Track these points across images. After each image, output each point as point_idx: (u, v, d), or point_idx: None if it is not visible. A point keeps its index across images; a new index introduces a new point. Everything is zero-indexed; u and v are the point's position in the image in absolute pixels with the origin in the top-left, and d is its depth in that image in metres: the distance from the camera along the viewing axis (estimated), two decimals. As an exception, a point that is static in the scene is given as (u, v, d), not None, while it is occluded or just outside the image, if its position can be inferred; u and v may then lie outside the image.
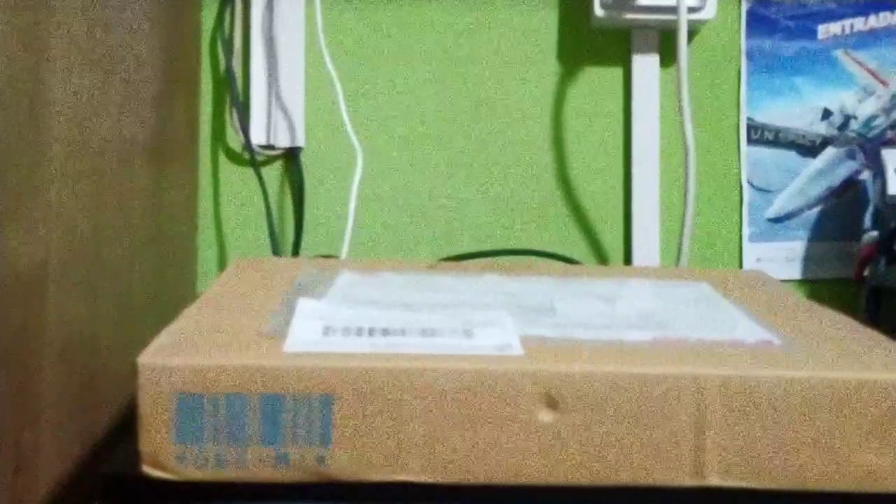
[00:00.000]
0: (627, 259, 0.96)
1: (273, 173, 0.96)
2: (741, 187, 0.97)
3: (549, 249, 0.95)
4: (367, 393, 0.44)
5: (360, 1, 0.96)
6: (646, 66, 0.95)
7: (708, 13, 0.92)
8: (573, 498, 0.46)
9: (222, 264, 0.95)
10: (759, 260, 0.97)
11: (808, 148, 0.97)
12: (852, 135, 0.97)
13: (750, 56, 0.97)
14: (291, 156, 0.95)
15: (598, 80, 0.96)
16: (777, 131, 0.97)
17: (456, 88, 0.96)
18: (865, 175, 0.96)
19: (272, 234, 0.93)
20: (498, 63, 0.96)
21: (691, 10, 0.91)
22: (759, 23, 0.97)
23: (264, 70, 0.94)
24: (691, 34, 0.94)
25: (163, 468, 0.44)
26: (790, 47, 0.97)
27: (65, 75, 0.56)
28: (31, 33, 0.51)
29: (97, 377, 0.62)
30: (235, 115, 0.94)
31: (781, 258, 0.97)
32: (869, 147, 0.96)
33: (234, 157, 0.96)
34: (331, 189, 0.95)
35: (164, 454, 0.44)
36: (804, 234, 0.97)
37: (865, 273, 0.89)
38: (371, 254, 0.96)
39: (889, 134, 0.97)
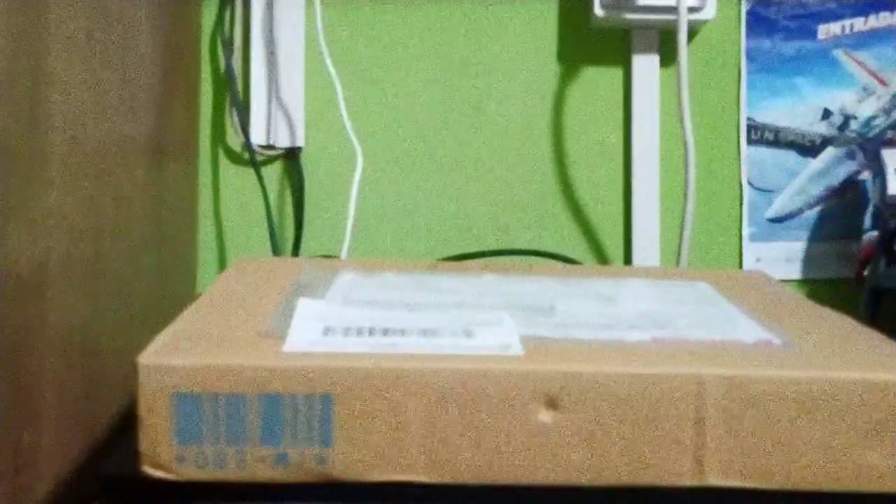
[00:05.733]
0: (627, 259, 0.96)
1: (273, 173, 0.96)
2: (741, 187, 0.97)
3: (549, 249, 0.95)
4: (367, 393, 0.44)
5: (360, 1, 0.96)
6: (646, 66, 0.95)
7: (708, 13, 0.92)
8: (573, 498, 0.46)
9: (222, 264, 0.95)
10: (759, 260, 0.97)
11: (808, 148, 0.97)
12: (852, 135, 0.97)
13: (750, 56, 0.97)
14: (291, 156, 0.95)
15: (598, 80, 0.97)
16: (777, 131, 0.97)
17: (456, 88, 0.96)
18: (865, 175, 0.96)
19: (272, 234, 0.93)
20: (498, 63, 0.96)
21: (691, 10, 0.91)
22: (759, 23, 0.97)
23: (264, 70, 0.94)
24: (691, 34, 0.94)
25: (163, 468, 0.44)
26: (790, 47, 0.97)
27: (65, 75, 0.56)
28: (31, 33, 0.51)
29: (97, 377, 0.62)
30: (235, 115, 0.94)
31: (781, 258, 0.97)
32: (869, 147, 0.96)
33: (234, 157, 0.96)
34: (331, 189, 0.95)
35: (164, 454, 0.44)
36: (804, 234, 0.97)
37: (865, 273, 0.89)
38: (371, 254, 0.96)
39: (889, 134, 0.97)
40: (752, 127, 0.97)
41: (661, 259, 0.95)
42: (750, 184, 0.97)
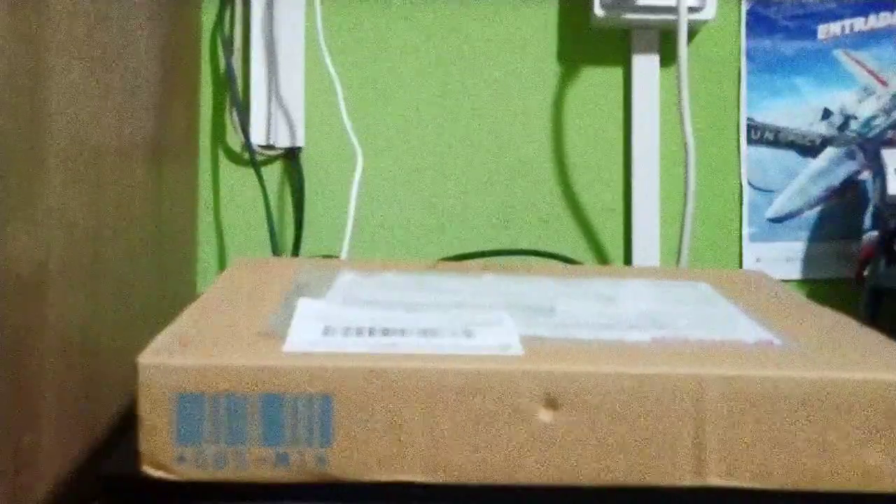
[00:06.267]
0: (627, 259, 0.96)
1: (273, 173, 0.96)
2: (741, 187, 0.97)
3: (549, 249, 0.95)
4: (367, 393, 0.44)
5: (360, 1, 0.96)
6: (646, 66, 0.95)
7: (708, 13, 0.92)
8: (573, 498, 0.46)
9: (222, 264, 0.95)
10: (759, 260, 0.97)
11: (808, 148, 0.97)
12: (852, 135, 0.97)
13: (750, 56, 0.97)
14: (291, 156, 0.95)
15: (598, 80, 0.97)
16: (777, 131, 0.97)
17: (456, 88, 0.96)
18: (865, 175, 0.96)
19: (272, 234, 0.93)
20: (498, 63, 0.96)
21: (691, 10, 0.91)
22: (759, 23, 0.97)
23: (264, 70, 0.94)
24: (691, 34, 0.94)
25: (163, 468, 0.44)
26: (790, 47, 0.97)
27: (65, 75, 0.56)
28: (31, 33, 0.51)
29: (97, 377, 0.62)
30: (235, 115, 0.94)
31: (781, 258, 0.97)
32: (869, 147, 0.96)
33: (234, 157, 0.96)
34: (331, 189, 0.95)
35: (164, 454, 0.44)
36: (804, 234, 0.97)
37: (865, 273, 0.89)
38: (371, 254, 0.96)
39: (889, 134, 0.97)
40: (752, 127, 0.97)
41: (661, 259, 0.95)
42: (750, 184, 0.97)
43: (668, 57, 0.95)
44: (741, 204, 0.97)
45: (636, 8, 0.91)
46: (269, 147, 0.95)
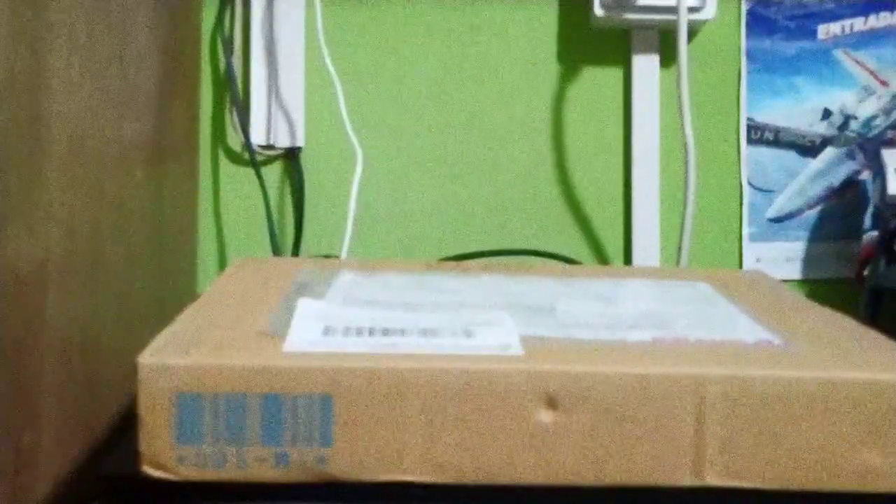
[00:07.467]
0: (627, 259, 0.96)
1: (273, 173, 0.96)
2: (741, 187, 0.97)
3: (549, 249, 0.95)
4: (367, 393, 0.44)
5: (360, 1, 0.96)
6: (646, 66, 0.95)
7: (708, 13, 0.92)
8: (573, 498, 0.45)
9: (222, 264, 0.95)
10: (759, 260, 0.97)
11: (808, 148, 0.97)
12: (852, 135, 0.97)
13: (750, 56, 0.97)
14: (291, 156, 0.95)
15: (598, 80, 0.97)
16: (777, 131, 0.97)
17: (456, 88, 0.96)
18: (865, 175, 0.96)
19: (272, 234, 0.93)
20: (498, 63, 0.96)
21: (691, 10, 0.91)
22: (759, 23, 0.97)
23: (264, 70, 0.94)
24: (691, 34, 0.94)
25: (163, 468, 0.44)
26: (790, 47, 0.97)
27: (65, 75, 0.56)
28: (31, 33, 0.51)
29: (97, 377, 0.62)
30: (235, 115, 0.94)
31: (781, 258, 0.97)
32: (869, 147, 0.96)
33: (234, 157, 0.96)
34: (331, 189, 0.95)
35: (164, 454, 0.44)
36: (804, 234, 0.97)
37: (865, 273, 0.89)
38: (371, 254, 0.96)
39: (889, 134, 0.97)
40: (752, 127, 0.97)
41: (661, 259, 0.95)
42: (750, 184, 0.97)
43: (668, 57, 0.95)
44: (741, 204, 0.97)
45: (636, 8, 0.91)
46: (269, 147, 0.95)
